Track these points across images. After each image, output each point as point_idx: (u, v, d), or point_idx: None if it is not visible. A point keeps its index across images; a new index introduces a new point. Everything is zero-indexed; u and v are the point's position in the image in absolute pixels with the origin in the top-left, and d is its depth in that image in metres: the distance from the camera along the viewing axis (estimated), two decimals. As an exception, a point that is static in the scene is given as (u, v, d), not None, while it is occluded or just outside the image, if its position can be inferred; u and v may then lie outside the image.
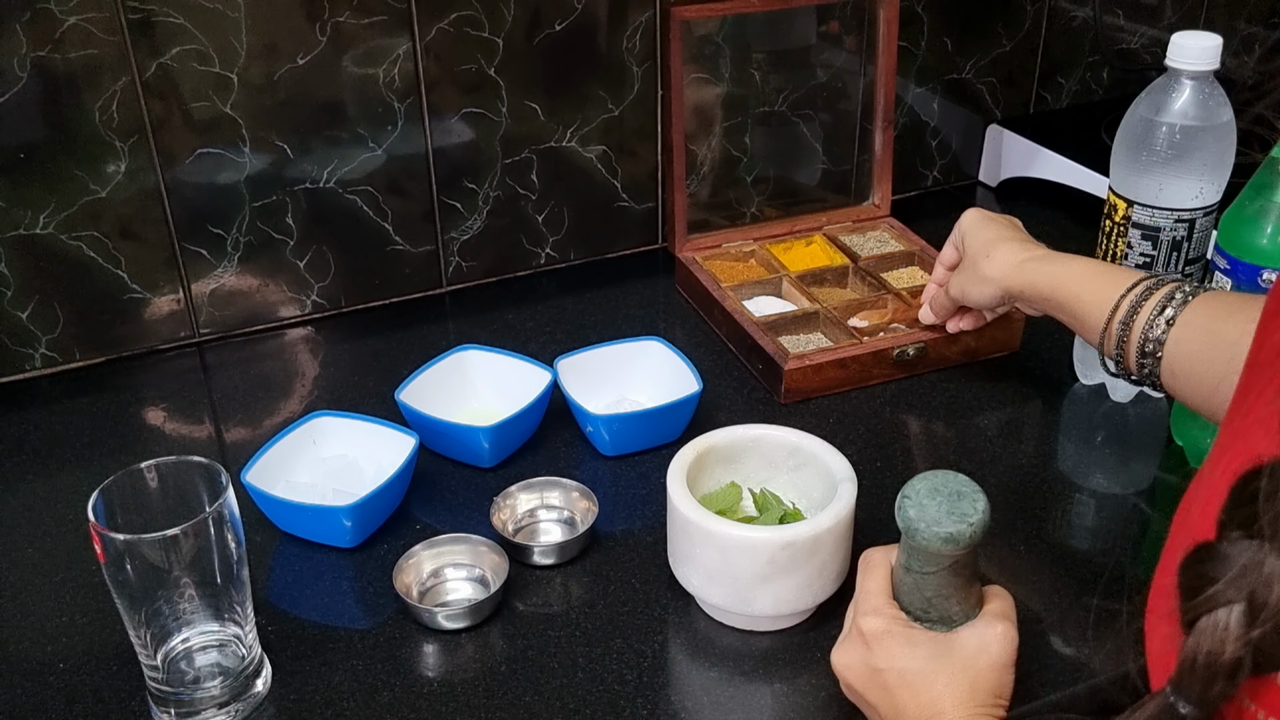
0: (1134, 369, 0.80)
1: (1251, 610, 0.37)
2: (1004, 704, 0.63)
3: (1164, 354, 0.77)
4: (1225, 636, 0.38)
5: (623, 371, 0.98)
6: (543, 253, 1.20)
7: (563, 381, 0.94)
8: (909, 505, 0.63)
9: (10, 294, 1.01)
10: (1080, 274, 0.85)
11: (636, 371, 0.98)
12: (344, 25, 1.02)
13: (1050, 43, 1.34)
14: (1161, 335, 0.77)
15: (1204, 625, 0.38)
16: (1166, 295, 0.78)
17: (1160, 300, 0.78)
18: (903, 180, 1.31)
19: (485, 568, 0.80)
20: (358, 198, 1.10)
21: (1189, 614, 0.39)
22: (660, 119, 1.17)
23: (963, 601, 0.65)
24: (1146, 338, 0.77)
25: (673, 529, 0.77)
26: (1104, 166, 1.04)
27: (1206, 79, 0.92)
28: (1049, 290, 0.86)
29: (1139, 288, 0.80)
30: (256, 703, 0.72)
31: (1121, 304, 0.80)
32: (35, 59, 0.94)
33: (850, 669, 0.66)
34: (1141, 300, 0.79)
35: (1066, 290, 0.85)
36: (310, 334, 1.12)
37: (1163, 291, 0.79)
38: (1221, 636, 0.38)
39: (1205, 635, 0.38)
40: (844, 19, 1.19)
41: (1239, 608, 0.37)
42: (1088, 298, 0.83)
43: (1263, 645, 0.37)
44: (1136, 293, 0.79)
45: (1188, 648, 0.39)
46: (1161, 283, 0.80)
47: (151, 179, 1.02)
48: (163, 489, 0.70)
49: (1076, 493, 0.90)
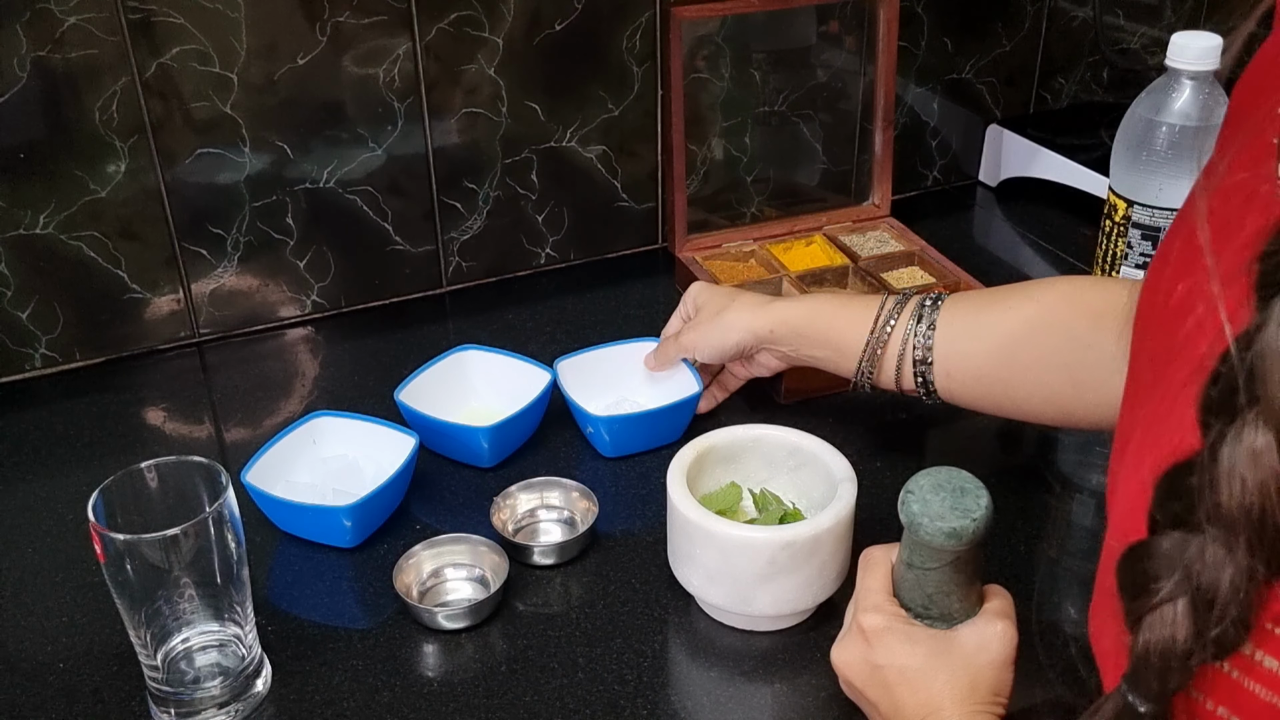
0: (908, 381, 0.83)
1: (1199, 601, 0.38)
2: (1003, 702, 0.63)
3: (934, 357, 0.81)
4: (1175, 630, 0.38)
5: (623, 372, 0.98)
6: (543, 253, 1.20)
7: (563, 382, 0.94)
8: (912, 500, 0.63)
9: (10, 294, 1.01)
10: (831, 303, 0.87)
11: (636, 372, 0.97)
12: (344, 25, 1.02)
13: (1050, 43, 1.34)
14: (927, 340, 0.81)
15: (1152, 621, 0.39)
16: (917, 305, 0.82)
17: (913, 310, 0.82)
18: (903, 180, 1.31)
19: (485, 568, 0.80)
20: (358, 198, 1.10)
21: (1134, 613, 0.40)
22: (660, 119, 1.17)
23: (963, 599, 0.65)
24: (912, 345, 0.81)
25: (673, 529, 0.77)
26: (1104, 166, 1.04)
27: (1206, 79, 0.92)
28: (802, 323, 0.86)
29: (889, 303, 0.83)
30: (256, 703, 0.72)
31: (880, 319, 0.83)
32: (35, 59, 0.94)
33: (850, 666, 0.66)
34: (895, 313, 0.82)
35: (821, 320, 0.86)
36: (310, 334, 1.12)
37: (912, 303, 0.83)
38: (1171, 630, 0.38)
39: (1155, 630, 0.39)
40: (844, 19, 1.19)
41: (1183, 601, 0.38)
42: (841, 322, 0.84)
43: (1213, 633, 0.38)
44: (888, 308, 0.83)
45: (1140, 644, 0.39)
46: (907, 297, 0.84)
47: (151, 179, 1.02)
48: (163, 489, 0.70)
49: (1076, 493, 0.90)
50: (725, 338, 0.89)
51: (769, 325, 0.87)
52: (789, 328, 0.87)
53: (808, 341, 0.86)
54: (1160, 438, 0.43)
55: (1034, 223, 1.29)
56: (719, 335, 0.90)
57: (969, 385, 0.81)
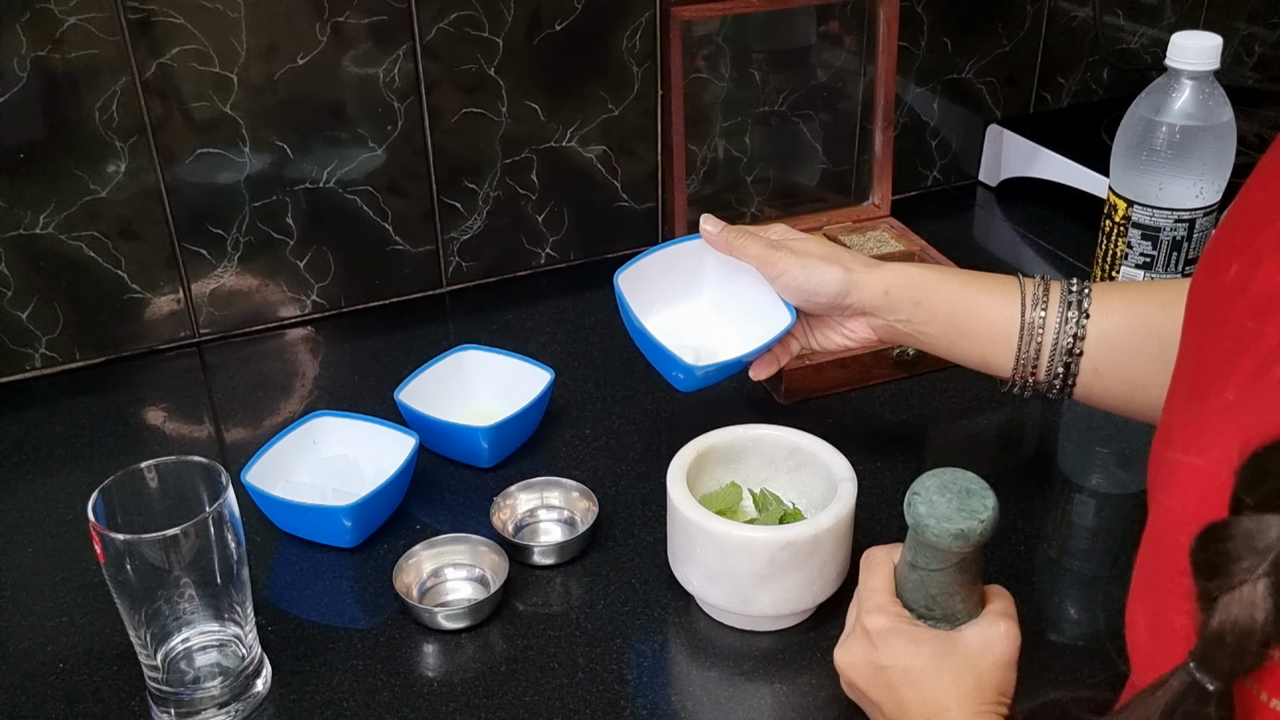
0: (1044, 373, 0.76)
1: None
2: (1007, 702, 0.63)
3: (1085, 349, 0.74)
4: (1254, 611, 0.38)
5: (692, 280, 0.86)
6: (543, 253, 1.20)
7: (629, 301, 0.81)
8: (919, 501, 0.63)
9: (10, 294, 1.01)
10: (955, 275, 0.77)
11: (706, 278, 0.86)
12: (344, 25, 1.02)
13: (1050, 43, 1.34)
14: (1080, 330, 0.73)
15: (1229, 601, 0.38)
16: (1063, 290, 0.75)
17: (1061, 295, 0.74)
18: (903, 180, 1.31)
19: (485, 568, 0.80)
20: (358, 198, 1.10)
21: (1209, 593, 0.39)
22: (660, 119, 1.17)
23: (966, 600, 0.65)
24: (1063, 335, 0.74)
25: (673, 529, 0.77)
26: (1104, 166, 1.04)
27: (1206, 79, 0.92)
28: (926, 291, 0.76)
29: (1029, 286, 0.75)
30: (256, 703, 0.72)
31: (1026, 300, 0.75)
32: (35, 59, 0.94)
33: (854, 666, 0.66)
34: (1042, 298, 0.74)
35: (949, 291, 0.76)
36: (310, 334, 1.12)
37: (1056, 288, 0.75)
38: (1249, 611, 0.38)
39: (1232, 610, 0.38)
40: (844, 19, 1.19)
41: (1265, 582, 0.38)
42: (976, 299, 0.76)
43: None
44: (1031, 291, 0.75)
45: (1215, 623, 0.39)
46: (1045, 279, 0.76)
47: (151, 179, 1.02)
48: (163, 489, 0.70)
49: (1076, 493, 0.90)
50: (822, 278, 0.77)
51: (883, 285, 0.76)
52: (908, 293, 0.76)
53: (929, 315, 0.76)
54: (1244, 419, 0.43)
55: (1034, 223, 1.29)
56: (816, 274, 0.77)
57: (1115, 386, 0.75)
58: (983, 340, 0.76)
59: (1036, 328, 0.74)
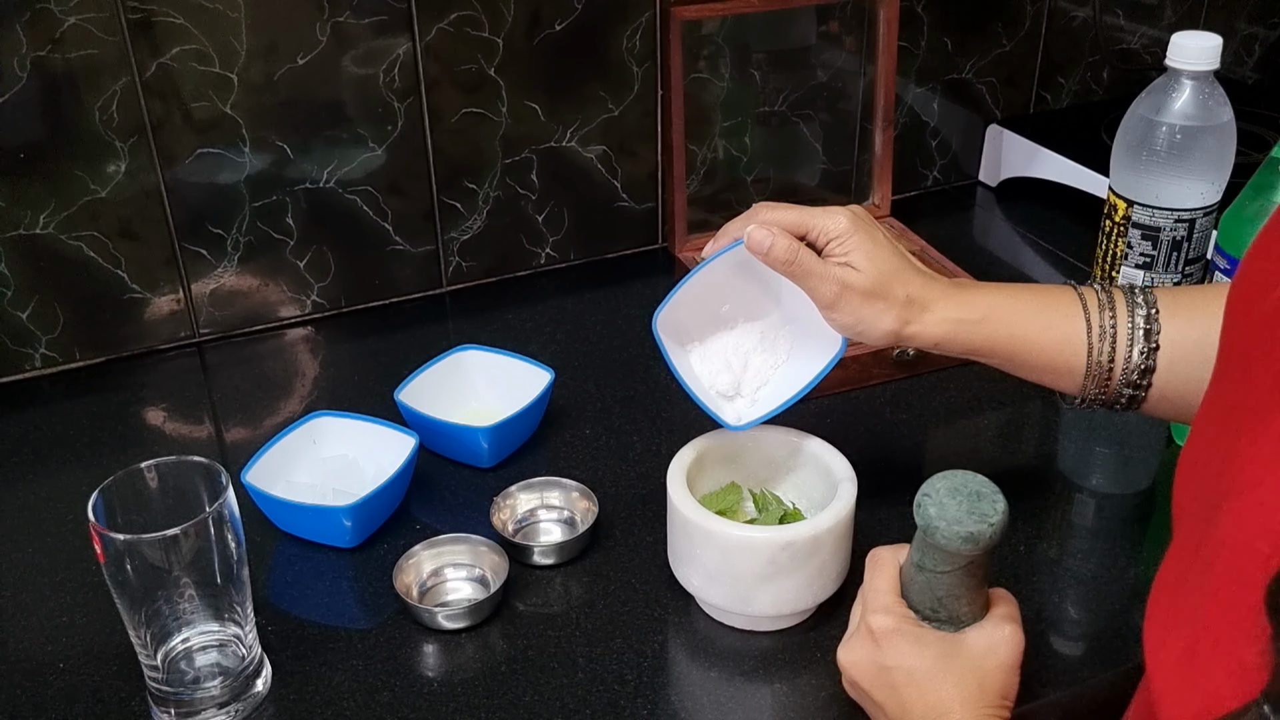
0: (1108, 399, 0.73)
1: None
2: (1009, 705, 0.63)
3: (1158, 364, 0.71)
4: None
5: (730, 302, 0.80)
6: (543, 253, 1.20)
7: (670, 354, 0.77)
8: (929, 504, 0.62)
9: (10, 294, 1.01)
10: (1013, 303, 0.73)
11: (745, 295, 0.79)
12: (344, 25, 1.02)
13: (1050, 43, 1.34)
14: (1152, 347, 0.71)
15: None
16: (1128, 304, 0.71)
17: (1126, 311, 0.71)
18: (903, 180, 1.31)
19: (485, 568, 0.80)
20: (358, 198, 1.10)
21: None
22: (660, 119, 1.17)
23: (972, 603, 0.65)
24: (1137, 353, 0.71)
25: (673, 529, 0.77)
26: (1104, 166, 1.04)
27: (1206, 79, 0.92)
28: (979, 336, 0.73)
29: (1094, 310, 0.71)
30: (256, 703, 0.72)
31: (1093, 328, 0.71)
32: (35, 59, 0.94)
33: (857, 666, 0.66)
34: (1110, 323, 0.71)
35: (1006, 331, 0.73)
36: (310, 334, 1.12)
37: (1121, 303, 0.71)
38: None
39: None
40: (844, 19, 1.19)
41: None
42: (1037, 332, 0.72)
43: None
44: (1097, 318, 0.71)
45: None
46: (1106, 291, 0.72)
47: (151, 179, 1.02)
48: (163, 489, 0.70)
49: (1076, 493, 0.90)
50: (873, 329, 0.73)
51: (935, 337, 0.73)
52: (960, 341, 0.73)
53: (986, 354, 0.74)
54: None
55: (1034, 223, 1.29)
56: (867, 323, 0.73)
57: (1179, 402, 0.71)
58: (1041, 372, 0.73)
59: (1104, 363, 0.71)
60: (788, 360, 0.81)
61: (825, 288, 0.72)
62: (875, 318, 0.72)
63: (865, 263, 0.72)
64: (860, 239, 0.72)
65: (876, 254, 0.72)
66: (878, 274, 0.72)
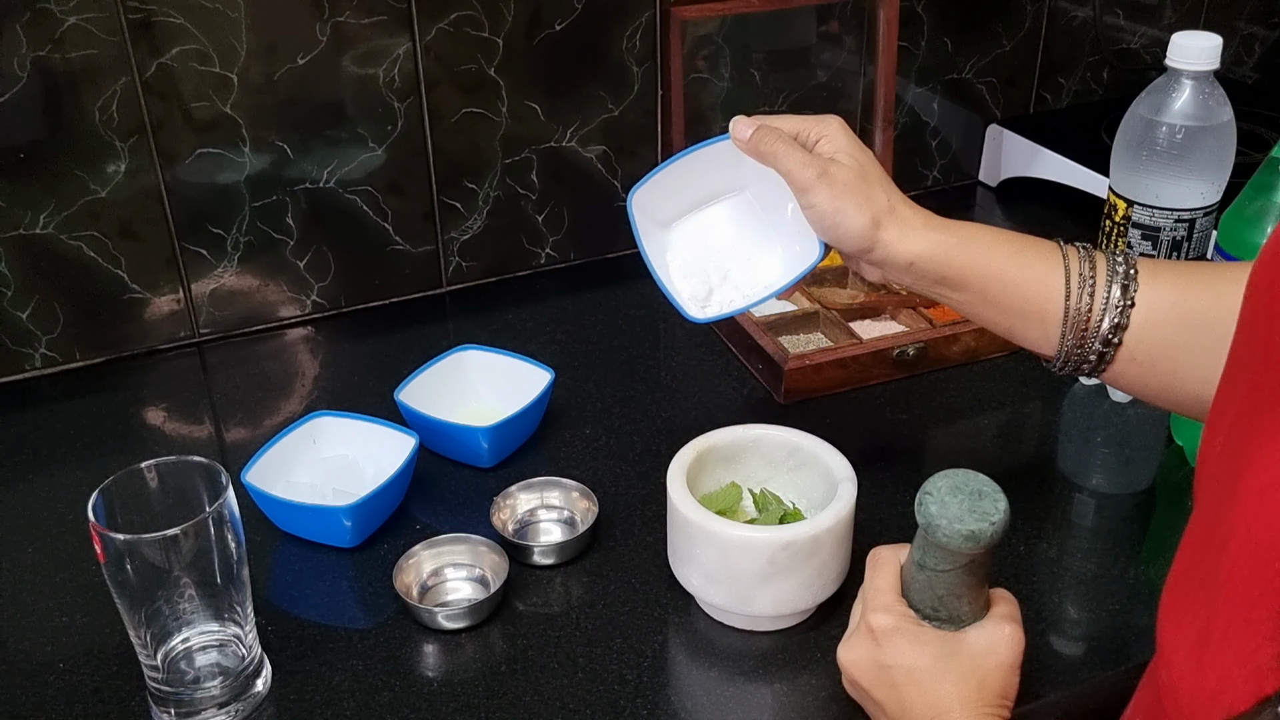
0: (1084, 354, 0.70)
1: None
2: (1009, 705, 0.63)
3: (1127, 337, 0.69)
4: None
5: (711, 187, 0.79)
6: (543, 253, 1.20)
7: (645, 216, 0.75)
8: (930, 502, 0.62)
9: (10, 294, 1.01)
10: (987, 242, 0.71)
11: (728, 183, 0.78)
12: (344, 25, 1.02)
13: (1050, 43, 1.34)
14: (1123, 317, 0.69)
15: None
16: (1108, 268, 0.69)
17: (1106, 274, 0.69)
18: (903, 180, 1.30)
19: (485, 568, 0.80)
20: (358, 198, 1.10)
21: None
22: (660, 119, 1.17)
23: (972, 602, 0.65)
24: (1109, 318, 0.69)
25: (673, 529, 0.77)
26: (1104, 166, 1.04)
27: (1206, 79, 0.92)
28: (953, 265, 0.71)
29: (1075, 262, 0.69)
30: (256, 703, 0.72)
31: (1071, 280, 0.69)
32: (35, 59, 0.94)
33: (857, 665, 0.66)
34: (1089, 277, 0.69)
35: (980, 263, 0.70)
36: (310, 334, 1.12)
37: (1102, 266, 0.69)
38: None
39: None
40: (844, 19, 1.19)
41: None
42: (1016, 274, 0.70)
43: None
44: (1077, 268, 0.69)
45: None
46: (1088, 250, 0.70)
47: (151, 179, 1.02)
48: (163, 489, 0.70)
49: (1076, 493, 0.90)
50: (849, 226, 0.71)
51: (909, 256, 0.71)
52: (934, 268, 0.71)
53: (957, 287, 0.71)
54: None
55: (1034, 223, 1.29)
56: (844, 219, 0.71)
57: (1150, 376, 0.70)
58: (1013, 316, 0.72)
59: (1082, 310, 0.69)
60: (761, 260, 0.80)
61: (805, 171, 0.72)
62: (854, 210, 0.71)
63: (850, 160, 0.73)
64: (847, 140, 0.74)
65: (862, 157, 0.73)
66: (861, 171, 0.72)
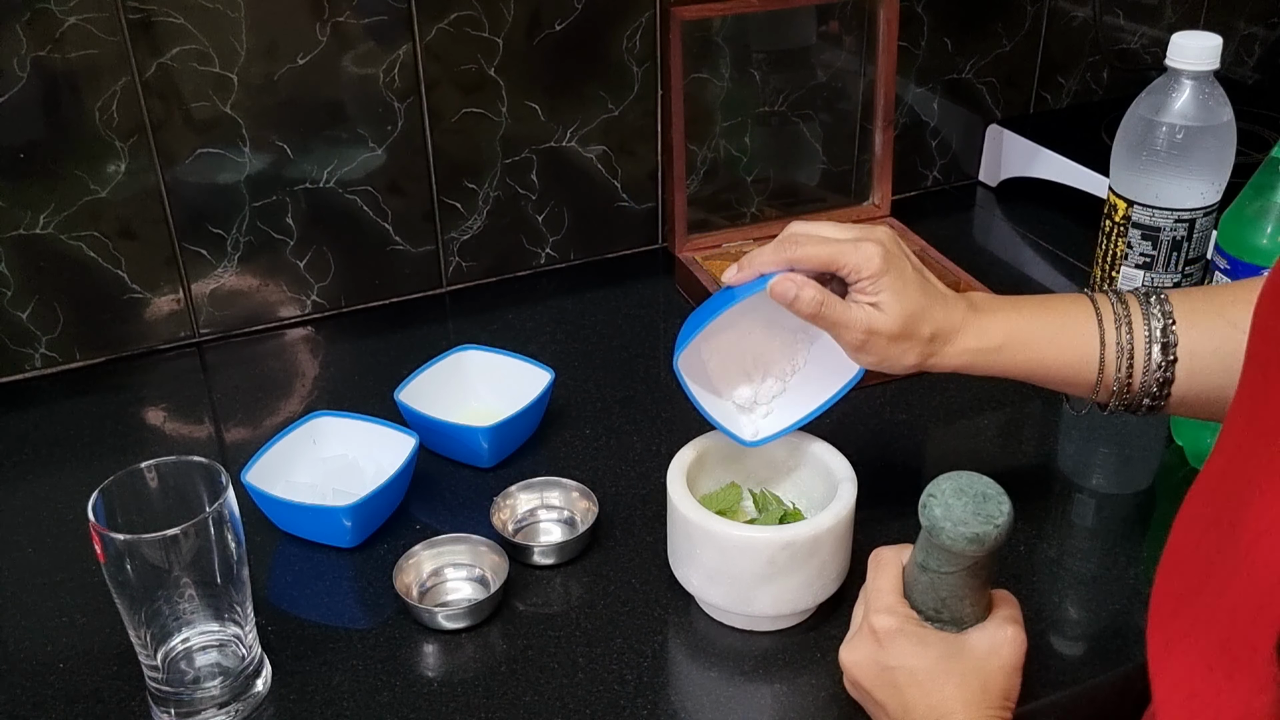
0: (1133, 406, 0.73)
1: None
2: (1011, 707, 0.63)
3: (1176, 374, 0.71)
4: None
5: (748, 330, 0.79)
6: (543, 253, 1.20)
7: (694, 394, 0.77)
8: (934, 504, 0.62)
9: (10, 294, 1.01)
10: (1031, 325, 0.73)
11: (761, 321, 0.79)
12: (344, 25, 1.02)
13: (1050, 43, 1.34)
14: (1167, 374, 0.71)
15: None
16: (1143, 312, 0.72)
17: (1141, 322, 0.72)
18: (903, 180, 1.31)
19: (485, 568, 0.80)
20: (358, 198, 1.10)
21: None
22: (660, 119, 1.17)
23: (975, 604, 0.65)
24: (1155, 362, 0.71)
25: (673, 529, 0.77)
26: (1104, 166, 1.04)
27: (1206, 79, 0.92)
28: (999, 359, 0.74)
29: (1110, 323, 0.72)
30: (256, 703, 0.72)
31: (1107, 344, 0.72)
32: (35, 59, 0.94)
33: (859, 666, 0.66)
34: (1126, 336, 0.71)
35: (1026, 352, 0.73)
36: (310, 334, 1.12)
37: (1136, 311, 0.72)
38: None
39: None
40: (844, 19, 1.19)
41: None
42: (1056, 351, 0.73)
43: None
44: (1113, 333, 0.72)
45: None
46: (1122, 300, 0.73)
47: (151, 179, 1.02)
48: (163, 489, 0.70)
49: (1076, 493, 0.90)
50: (895, 366, 0.73)
51: (955, 364, 0.74)
52: (979, 367, 0.74)
53: (1004, 373, 0.74)
54: None
55: (1034, 223, 1.29)
56: (889, 363, 0.73)
57: (1203, 407, 0.73)
58: (1062, 386, 0.75)
59: (1122, 379, 0.72)
60: (806, 370, 0.81)
61: (851, 335, 0.72)
62: (899, 356, 0.73)
63: (894, 304, 0.71)
64: (890, 279, 0.71)
65: (905, 293, 0.72)
66: (905, 317, 0.71)
